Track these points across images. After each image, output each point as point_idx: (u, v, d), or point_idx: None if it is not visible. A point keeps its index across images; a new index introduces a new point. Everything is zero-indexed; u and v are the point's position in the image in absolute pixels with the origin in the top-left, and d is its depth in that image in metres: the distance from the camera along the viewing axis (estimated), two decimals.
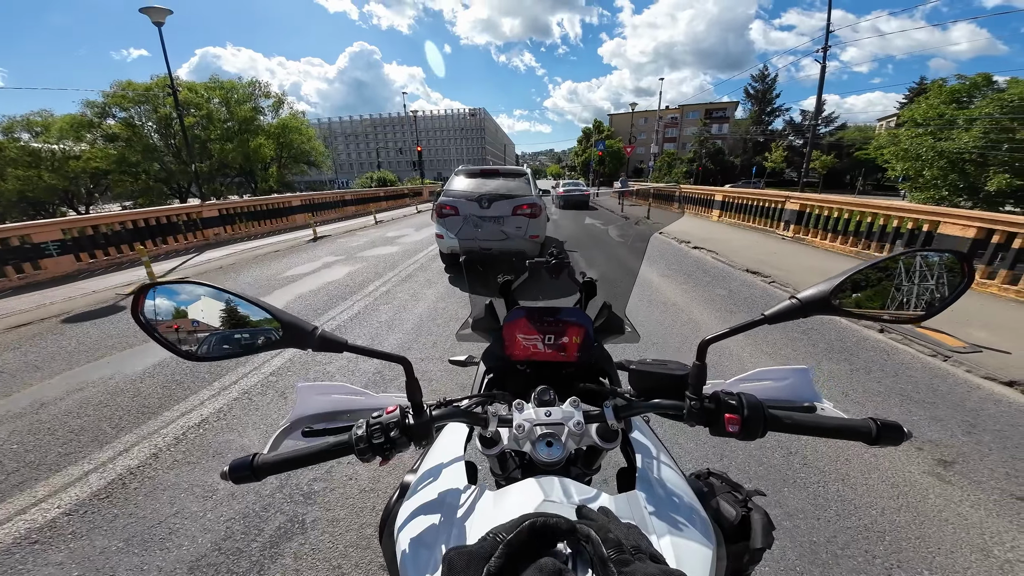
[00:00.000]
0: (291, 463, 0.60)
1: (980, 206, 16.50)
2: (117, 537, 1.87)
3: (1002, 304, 5.01)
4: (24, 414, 2.90)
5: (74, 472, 2.29)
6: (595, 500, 0.57)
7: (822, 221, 8.91)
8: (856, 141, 41.23)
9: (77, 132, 24.52)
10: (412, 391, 0.66)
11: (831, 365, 3.50)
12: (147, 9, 10.34)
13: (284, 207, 13.86)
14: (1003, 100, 16.60)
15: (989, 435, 2.53)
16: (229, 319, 0.61)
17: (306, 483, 2.17)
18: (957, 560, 1.72)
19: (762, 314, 0.61)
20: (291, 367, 3.47)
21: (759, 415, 0.60)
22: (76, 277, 7.18)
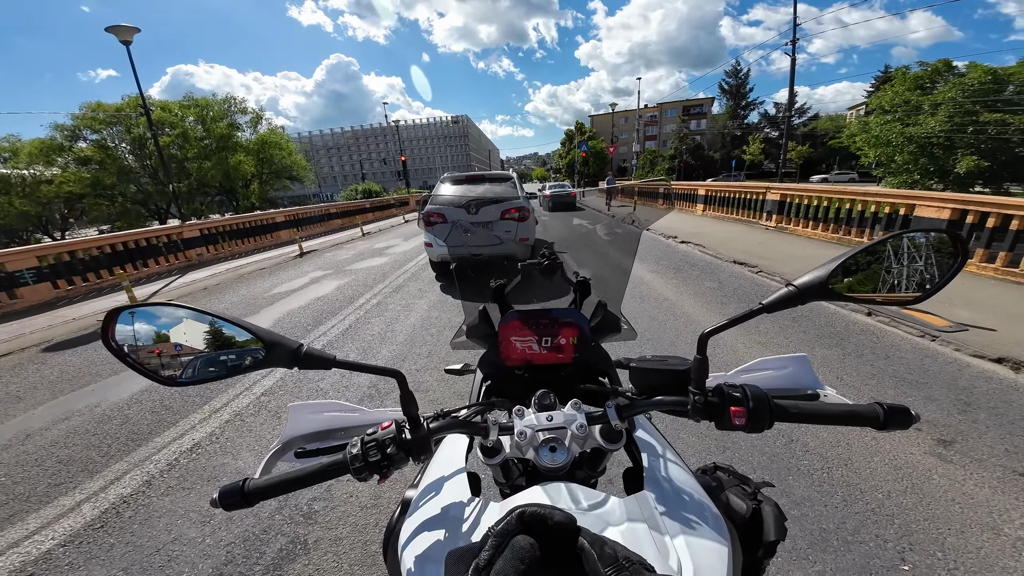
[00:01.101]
0: (284, 486, 0.57)
1: (951, 188, 17.05)
2: (115, 566, 1.81)
3: (982, 283, 5.15)
4: (9, 446, 2.80)
5: (66, 503, 2.21)
6: (604, 504, 0.55)
7: (802, 210, 9.10)
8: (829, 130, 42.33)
9: (47, 156, 23.93)
10: (407, 404, 0.63)
11: (824, 351, 3.55)
12: (113, 28, 10.15)
13: (268, 224, 13.66)
14: (964, 84, 17.25)
15: (984, 412, 2.57)
16: (208, 341, 0.58)
17: (306, 503, 2.11)
18: (969, 540, 1.72)
19: (760, 303, 0.60)
20: (283, 386, 3.40)
21: (765, 406, 0.59)
22: (55, 305, 6.96)
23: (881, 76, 42.84)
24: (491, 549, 0.36)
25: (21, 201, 22.63)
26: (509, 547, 0.36)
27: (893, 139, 18.44)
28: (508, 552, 0.35)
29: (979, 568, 1.59)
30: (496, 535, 0.37)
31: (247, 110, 29.93)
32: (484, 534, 0.38)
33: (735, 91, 55.22)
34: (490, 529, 0.38)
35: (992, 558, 1.63)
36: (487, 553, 0.36)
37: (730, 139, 55.09)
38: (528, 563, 0.35)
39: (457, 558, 0.39)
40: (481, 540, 0.38)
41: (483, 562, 0.35)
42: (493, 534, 0.37)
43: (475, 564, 0.35)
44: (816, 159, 47.30)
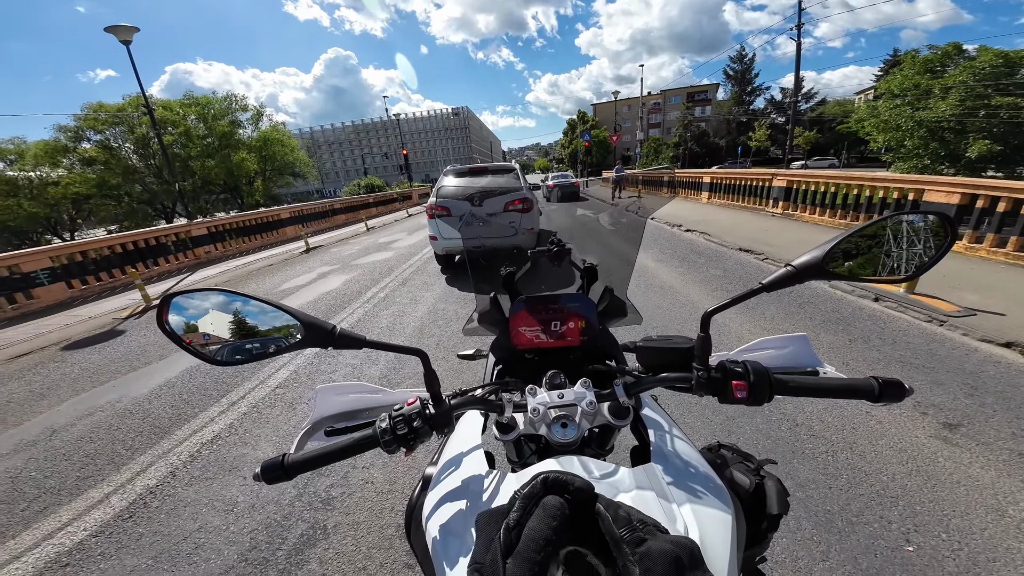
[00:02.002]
0: (320, 460, 0.61)
1: (963, 172, 16.77)
2: (145, 555, 1.89)
3: (992, 267, 5.11)
4: (37, 442, 2.90)
5: (95, 495, 2.30)
6: (614, 474, 0.58)
7: (809, 196, 9.01)
8: (837, 115, 41.61)
9: (52, 158, 24.13)
10: (430, 382, 0.67)
11: (829, 336, 3.56)
12: (113, 28, 10.17)
13: (273, 220, 13.75)
14: (975, 68, 16.86)
15: (991, 396, 2.58)
16: (251, 323, 0.62)
17: (324, 490, 2.19)
18: (973, 521, 1.74)
19: (760, 283, 0.63)
20: (296, 378, 3.47)
21: (765, 380, 0.62)
22: (70, 304, 7.10)
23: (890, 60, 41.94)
24: (519, 510, 0.39)
25: (29, 203, 22.89)
26: (540, 506, 0.39)
27: (903, 123, 18.11)
28: (540, 511, 0.38)
29: (983, 548, 1.62)
30: (523, 497, 0.40)
31: (248, 107, 29.97)
32: (511, 497, 0.41)
33: (740, 77, 54.30)
34: (516, 492, 0.41)
35: (996, 539, 1.66)
36: (516, 514, 0.39)
37: (735, 125, 54.31)
38: (559, 520, 0.38)
39: (487, 519, 0.42)
40: (508, 503, 0.41)
41: (512, 521, 0.38)
42: (520, 496, 0.40)
43: (505, 523, 0.38)
44: (824, 144, 46.55)
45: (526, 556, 0.35)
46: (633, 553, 0.35)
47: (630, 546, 0.36)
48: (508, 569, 0.35)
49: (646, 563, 0.34)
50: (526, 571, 0.34)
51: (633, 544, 0.36)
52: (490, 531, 0.39)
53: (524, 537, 0.36)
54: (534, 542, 0.36)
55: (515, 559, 0.35)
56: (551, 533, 0.36)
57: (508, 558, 0.36)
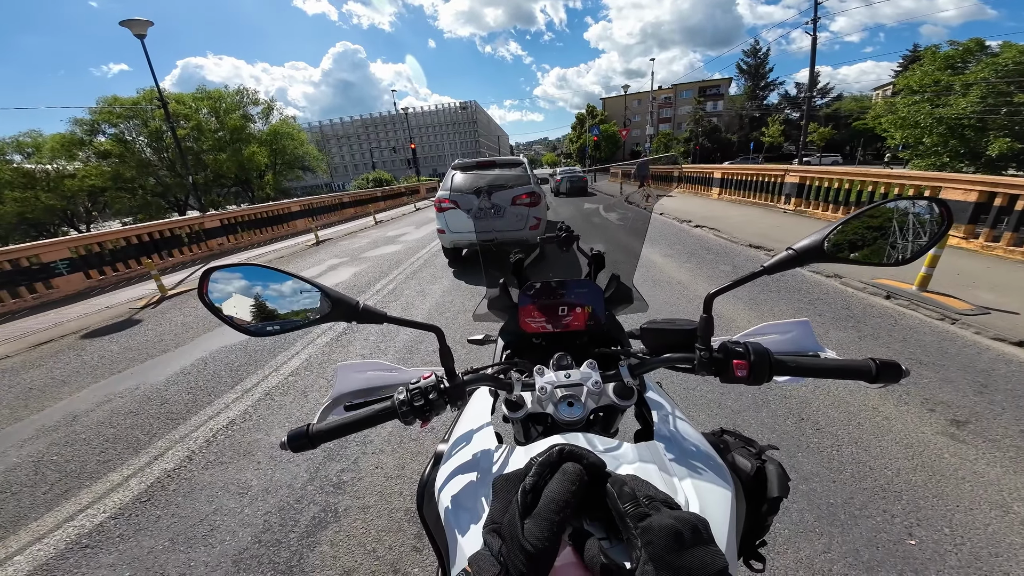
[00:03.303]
0: (343, 429, 0.65)
1: (982, 170, 16.36)
2: (162, 536, 1.96)
3: (1008, 266, 5.01)
4: (59, 427, 2.99)
5: (114, 478, 2.38)
6: (617, 450, 0.60)
7: (823, 193, 8.89)
8: (853, 111, 40.77)
9: (69, 151, 24.50)
10: (445, 357, 0.71)
11: (839, 333, 3.54)
12: (128, 22, 10.28)
13: (284, 213, 13.90)
14: (998, 64, 16.37)
15: (1001, 395, 2.56)
16: (283, 297, 0.66)
17: (335, 474, 2.25)
18: (976, 517, 1.75)
19: (761, 266, 0.65)
20: (309, 366, 3.54)
21: (765, 360, 0.63)
22: (88, 294, 7.28)
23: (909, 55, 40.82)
24: (536, 475, 0.40)
25: (47, 195, 23.34)
26: (561, 471, 0.40)
27: (922, 120, 17.69)
28: (560, 475, 0.40)
29: (986, 544, 1.62)
30: (540, 464, 0.41)
31: (259, 101, 30.14)
32: (527, 463, 0.43)
33: (754, 71, 53.33)
34: (532, 459, 0.43)
35: (1000, 535, 1.66)
36: (532, 478, 0.40)
37: (748, 121, 53.45)
38: (577, 485, 0.39)
39: (504, 483, 0.43)
40: (524, 468, 0.43)
41: (529, 485, 0.39)
42: (536, 463, 0.41)
43: (522, 487, 0.39)
44: (839, 141, 45.66)
45: (545, 516, 0.36)
46: (635, 527, 0.36)
47: (633, 520, 0.37)
48: (526, 528, 0.36)
49: (647, 536, 0.35)
50: (544, 530, 0.35)
51: (636, 519, 0.37)
52: (507, 494, 0.41)
53: (544, 498, 0.38)
54: (554, 503, 0.37)
55: (534, 519, 0.36)
56: (570, 496, 0.38)
57: (525, 519, 0.37)
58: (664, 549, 0.34)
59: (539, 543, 0.35)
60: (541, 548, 0.35)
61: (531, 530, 0.36)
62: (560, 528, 0.36)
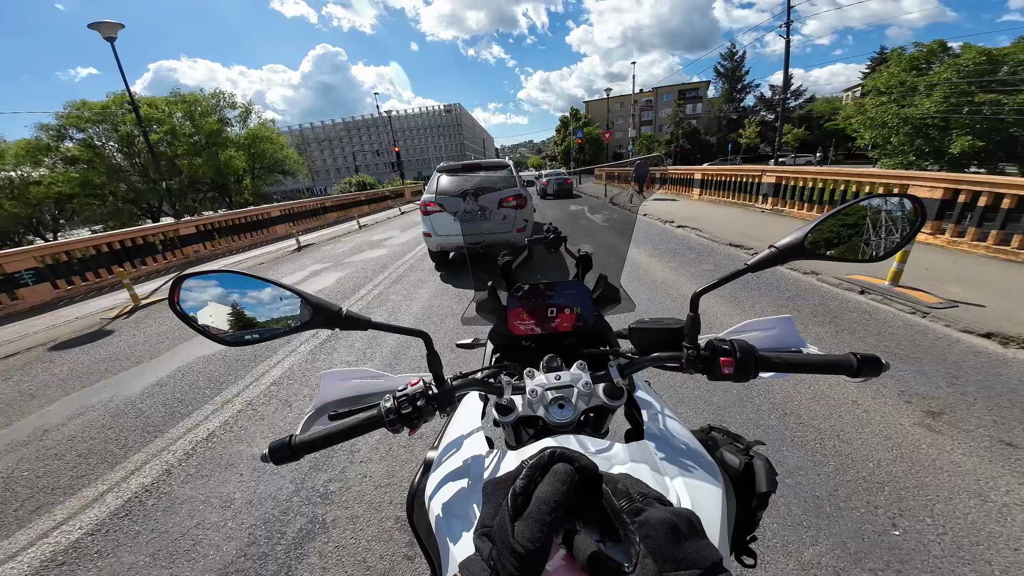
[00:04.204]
0: (327, 440, 0.63)
1: (946, 168, 17.08)
2: (143, 552, 1.89)
3: (973, 260, 5.24)
4: (29, 442, 2.87)
5: (89, 494, 2.29)
6: (608, 450, 0.60)
7: (797, 192, 9.15)
8: (825, 112, 42.07)
9: (34, 157, 23.56)
10: (433, 363, 0.69)
11: (817, 328, 3.64)
12: (97, 24, 9.97)
13: (263, 219, 13.61)
14: (959, 65, 17.18)
15: (973, 385, 2.66)
16: (261, 304, 0.63)
17: (322, 484, 2.20)
18: (956, 507, 1.80)
19: (745, 264, 0.66)
20: (291, 375, 3.47)
21: (751, 356, 0.65)
22: (56, 305, 6.98)
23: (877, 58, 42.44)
24: (526, 478, 0.40)
25: (11, 203, 22.37)
26: (551, 472, 0.40)
27: (889, 120, 18.40)
28: (550, 476, 0.39)
29: (966, 532, 1.67)
30: (530, 467, 0.41)
31: (236, 104, 29.51)
32: (517, 466, 0.43)
33: (731, 74, 54.67)
34: (523, 461, 0.43)
35: (979, 523, 1.71)
36: (523, 481, 0.40)
37: (726, 123, 54.73)
38: (568, 485, 0.39)
39: (495, 487, 0.43)
40: (515, 471, 0.42)
41: (519, 488, 0.39)
42: (527, 465, 0.41)
43: (512, 489, 0.39)
44: (813, 141, 47.08)
45: (536, 517, 0.36)
46: (632, 522, 0.37)
47: (630, 516, 0.37)
48: (517, 530, 0.36)
49: (645, 530, 0.36)
50: (535, 531, 0.35)
51: (632, 514, 0.37)
52: (497, 498, 0.40)
53: (534, 500, 0.38)
54: (545, 504, 0.37)
55: (524, 521, 0.36)
56: (560, 497, 0.38)
57: (516, 521, 0.37)
58: (663, 542, 0.35)
59: (529, 544, 0.35)
60: (532, 549, 0.35)
61: (522, 532, 0.36)
62: (551, 529, 0.36)
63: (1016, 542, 1.62)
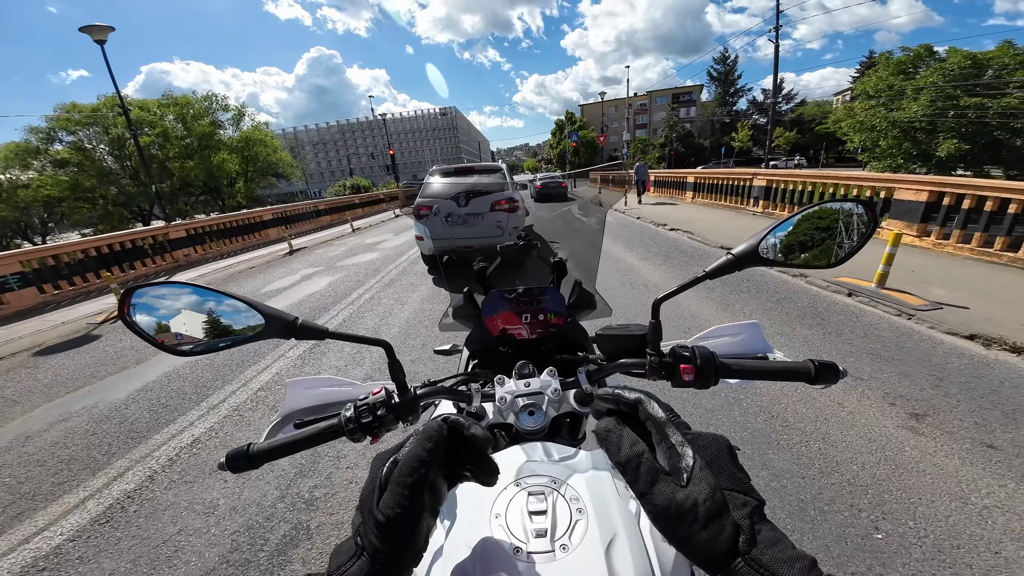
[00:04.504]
0: (286, 448, 0.62)
1: (933, 171, 17.34)
2: (124, 559, 1.87)
3: (958, 262, 5.31)
4: (10, 448, 2.83)
5: (71, 500, 2.26)
6: (573, 457, 0.61)
7: (788, 195, 9.25)
8: (816, 116, 42.65)
9: (23, 160, 23.25)
10: (395, 372, 0.68)
11: (805, 330, 3.67)
12: (87, 28, 9.90)
13: (255, 222, 13.51)
14: (945, 69, 17.48)
15: (956, 387, 2.69)
16: (212, 315, 0.63)
17: (307, 490, 2.18)
18: (938, 509, 1.81)
19: (703, 271, 0.66)
20: (279, 380, 3.44)
21: (711, 364, 0.65)
22: (42, 309, 6.88)
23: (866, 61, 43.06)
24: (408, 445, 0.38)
25: None
26: (415, 432, 0.38)
27: (877, 124, 18.68)
28: (416, 436, 0.38)
29: (948, 536, 1.68)
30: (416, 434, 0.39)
31: (229, 107, 29.29)
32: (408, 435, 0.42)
33: (723, 78, 55.21)
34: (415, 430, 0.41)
35: (960, 526, 1.72)
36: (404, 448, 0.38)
37: (719, 126, 55.24)
38: (435, 443, 0.37)
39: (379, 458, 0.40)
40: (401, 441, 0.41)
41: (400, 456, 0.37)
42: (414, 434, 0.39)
43: (392, 459, 0.38)
44: (804, 145, 47.64)
45: (397, 481, 0.35)
46: (686, 435, 0.36)
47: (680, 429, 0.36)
48: (383, 499, 0.35)
49: (701, 441, 0.35)
50: (397, 496, 0.34)
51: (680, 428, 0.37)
52: (374, 470, 0.39)
53: (399, 462, 0.36)
54: (407, 465, 0.36)
55: (389, 487, 0.35)
56: (426, 455, 0.36)
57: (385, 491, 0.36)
58: (718, 455, 0.35)
59: (389, 511, 0.34)
60: (391, 516, 0.34)
61: (385, 500, 0.34)
62: (417, 491, 0.35)
63: (996, 545, 1.63)
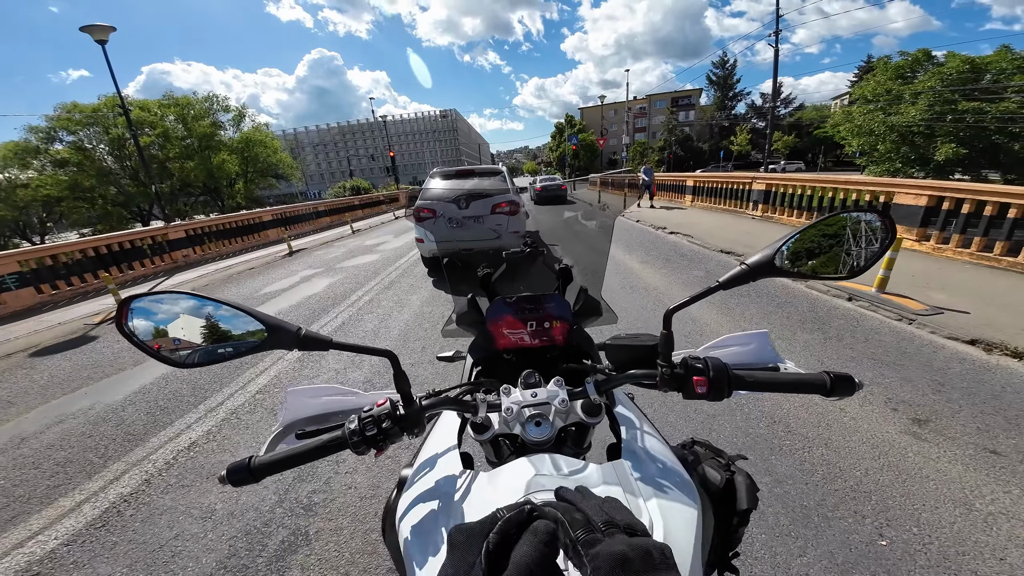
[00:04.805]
0: (288, 462, 0.61)
1: (931, 175, 17.40)
2: (119, 564, 1.84)
3: (957, 266, 5.32)
4: (5, 450, 2.81)
5: (66, 503, 2.24)
6: (583, 471, 0.59)
7: (787, 199, 9.26)
8: (814, 120, 42.81)
9: (22, 159, 23.20)
10: (400, 383, 0.67)
11: (805, 335, 3.66)
12: (88, 27, 9.89)
13: (255, 223, 13.50)
14: (943, 74, 17.57)
15: (957, 392, 2.68)
16: (214, 325, 0.61)
17: (306, 496, 2.16)
18: (942, 515, 1.80)
19: (717, 281, 0.66)
20: (279, 382, 3.41)
21: (723, 376, 0.64)
22: (39, 310, 6.85)
23: (864, 66, 43.29)
24: (500, 534, 0.37)
25: None
26: (531, 531, 0.37)
27: (875, 128, 18.75)
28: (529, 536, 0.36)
29: (952, 542, 1.67)
30: (505, 521, 0.38)
31: (229, 108, 29.29)
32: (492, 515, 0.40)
33: (722, 82, 55.43)
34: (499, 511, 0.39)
35: (964, 532, 1.71)
36: (496, 537, 0.37)
37: (718, 130, 55.42)
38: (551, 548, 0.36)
39: (464, 537, 0.39)
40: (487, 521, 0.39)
41: (493, 545, 0.36)
42: (502, 519, 0.38)
43: (486, 545, 0.36)
44: (802, 148, 47.79)
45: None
46: (586, 554, 0.35)
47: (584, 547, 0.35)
48: None
49: (596, 563, 0.34)
50: None
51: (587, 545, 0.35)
52: (466, 550, 0.38)
53: (513, 564, 0.35)
54: (526, 568, 0.34)
55: None
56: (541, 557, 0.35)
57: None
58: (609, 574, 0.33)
59: None
60: None
61: None
62: None
63: (1002, 551, 1.62)
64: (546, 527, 0.37)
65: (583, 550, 0.35)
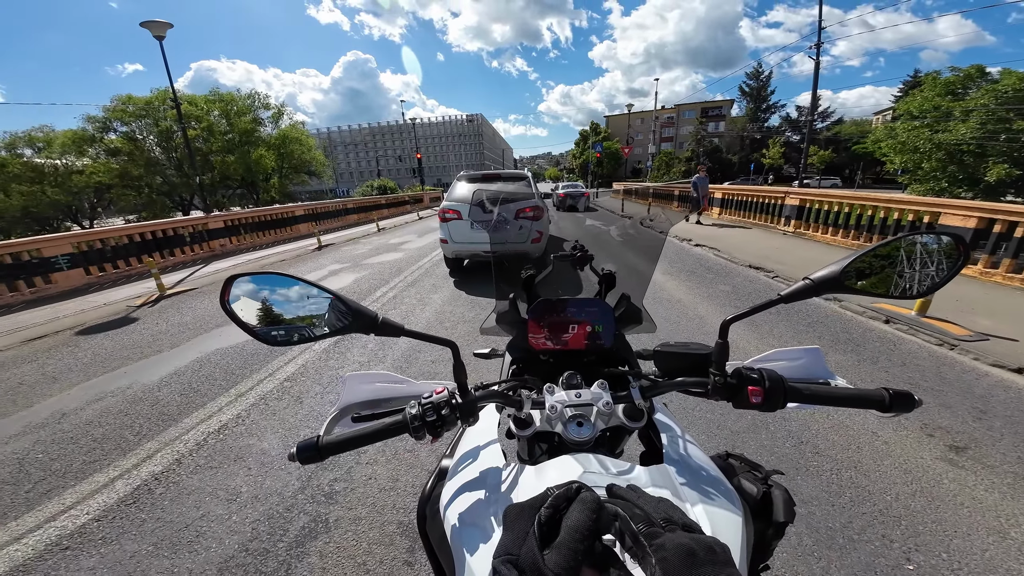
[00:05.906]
0: (352, 442, 0.64)
1: (980, 196, 16.51)
2: (146, 541, 1.91)
3: (1006, 292, 5.02)
4: (46, 424, 2.95)
5: (100, 479, 2.34)
6: (629, 472, 0.60)
7: (822, 216, 8.95)
8: (853, 135, 41.25)
9: (79, 147, 24.71)
10: (459, 373, 0.70)
11: (838, 356, 3.52)
12: (148, 23, 10.48)
13: (288, 217, 13.97)
14: (997, 91, 16.65)
15: (1000, 420, 2.55)
16: (303, 306, 0.66)
17: (327, 483, 2.21)
18: (974, 543, 1.73)
19: (778, 294, 0.65)
20: (304, 372, 3.51)
21: (779, 387, 0.64)
22: (86, 290, 7.26)
23: (910, 81, 41.53)
24: (551, 507, 0.40)
25: (53, 190, 23.44)
26: (579, 501, 0.39)
27: (921, 145, 17.92)
28: (579, 504, 0.39)
29: (983, 570, 1.61)
30: (556, 496, 0.41)
31: (270, 105, 30.45)
32: (543, 492, 0.42)
33: (756, 93, 54.23)
34: (548, 489, 0.42)
35: (997, 560, 1.64)
36: (548, 510, 0.39)
37: (749, 142, 54.12)
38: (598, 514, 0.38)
39: (518, 513, 0.42)
40: (539, 498, 0.42)
41: (545, 516, 0.39)
42: (552, 494, 0.41)
43: (538, 517, 0.39)
44: (839, 164, 46.16)
45: (568, 545, 0.36)
46: (650, 545, 0.36)
47: (647, 539, 0.37)
48: (548, 559, 0.36)
49: (662, 553, 0.35)
50: (568, 560, 0.35)
51: (649, 537, 0.37)
52: (521, 524, 0.40)
53: (565, 528, 0.38)
54: (577, 531, 0.37)
55: (556, 550, 0.36)
56: (592, 524, 0.38)
57: (545, 551, 0.36)
58: (678, 566, 0.34)
59: (563, 572, 0.35)
60: None
61: (554, 560, 0.35)
62: (582, 557, 0.36)
63: None
64: (593, 498, 0.40)
65: (646, 541, 0.37)
